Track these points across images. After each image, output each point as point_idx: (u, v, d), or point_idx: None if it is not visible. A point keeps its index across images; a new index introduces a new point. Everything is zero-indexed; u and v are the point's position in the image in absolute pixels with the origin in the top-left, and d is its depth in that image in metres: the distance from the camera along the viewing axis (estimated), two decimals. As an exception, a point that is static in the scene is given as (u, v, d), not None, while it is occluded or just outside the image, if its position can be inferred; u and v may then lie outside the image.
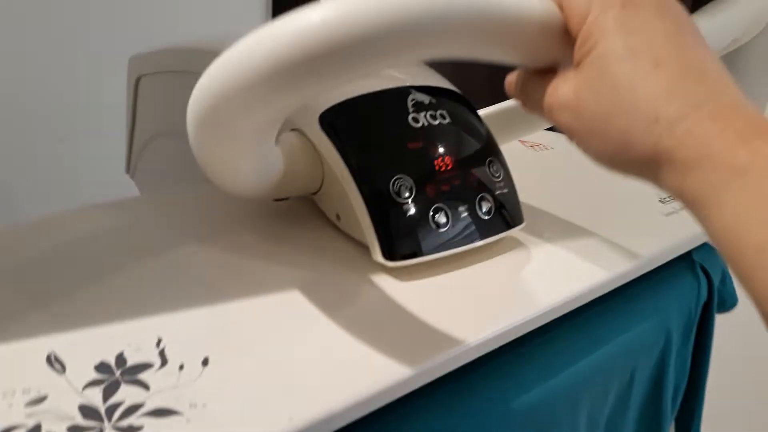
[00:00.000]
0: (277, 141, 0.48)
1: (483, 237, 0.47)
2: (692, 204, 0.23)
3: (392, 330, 0.39)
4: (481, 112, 0.55)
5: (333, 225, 0.50)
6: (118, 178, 0.87)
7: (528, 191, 0.53)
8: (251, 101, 0.30)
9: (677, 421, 0.68)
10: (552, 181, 0.68)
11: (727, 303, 0.65)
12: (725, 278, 0.64)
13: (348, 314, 0.40)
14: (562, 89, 0.28)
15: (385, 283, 0.44)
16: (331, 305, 0.40)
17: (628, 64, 0.25)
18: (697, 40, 0.26)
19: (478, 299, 0.43)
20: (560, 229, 0.54)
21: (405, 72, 0.53)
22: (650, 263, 0.52)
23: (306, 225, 0.52)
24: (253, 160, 0.40)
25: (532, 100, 0.31)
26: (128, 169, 0.86)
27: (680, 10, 0.27)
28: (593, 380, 0.49)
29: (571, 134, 0.28)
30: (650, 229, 0.56)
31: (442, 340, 0.38)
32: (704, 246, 0.59)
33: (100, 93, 1.14)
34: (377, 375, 0.34)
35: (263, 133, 0.37)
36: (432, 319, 0.40)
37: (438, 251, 0.45)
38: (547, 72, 0.30)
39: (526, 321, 0.41)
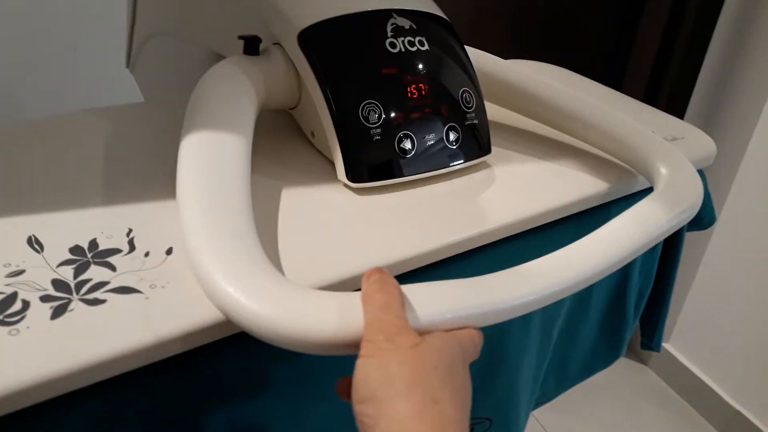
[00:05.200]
0: (260, 53, 0.50)
1: (446, 165, 0.50)
2: None
3: (340, 235, 0.42)
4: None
5: (309, 141, 0.53)
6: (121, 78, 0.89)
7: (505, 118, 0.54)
8: None
9: (642, 324, 0.73)
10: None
11: (704, 221, 0.67)
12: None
13: (304, 218, 0.43)
14: None
15: (346, 197, 0.47)
16: (291, 210, 0.44)
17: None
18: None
19: (432, 215, 0.46)
20: (532, 154, 0.57)
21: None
22: (615, 191, 0.55)
23: (284, 139, 0.54)
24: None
25: None
26: (128, 64, 0.88)
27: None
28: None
29: None
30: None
31: (387, 248, 0.41)
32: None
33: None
34: (315, 274, 0.38)
35: None
36: (381, 230, 0.43)
37: (400, 176, 0.48)
38: None
39: (469, 237, 0.44)
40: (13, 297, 0.33)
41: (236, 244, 0.35)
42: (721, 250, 1.31)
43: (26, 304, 0.33)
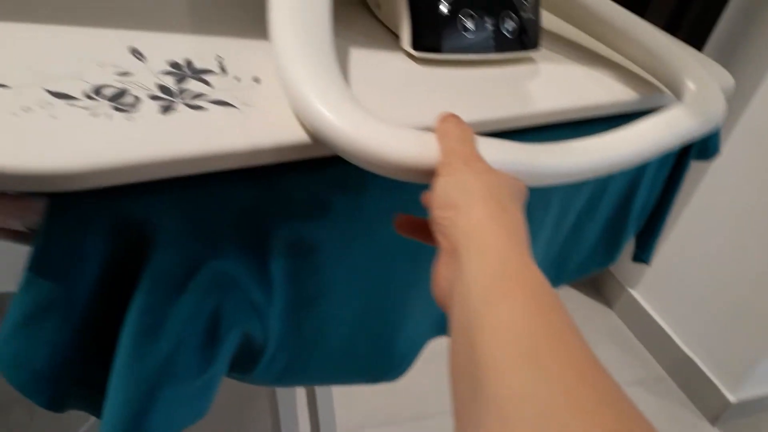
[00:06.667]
0: None
1: (499, 50, 0.53)
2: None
3: (401, 94, 0.46)
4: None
5: (373, 15, 0.56)
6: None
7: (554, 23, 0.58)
8: None
9: (638, 237, 0.79)
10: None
11: (709, 151, 0.72)
12: None
13: (369, 77, 0.47)
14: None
15: (407, 65, 0.50)
16: (358, 68, 0.47)
17: None
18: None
19: (486, 91, 0.50)
20: (574, 58, 0.61)
21: None
22: (644, 102, 0.59)
23: (348, 12, 0.57)
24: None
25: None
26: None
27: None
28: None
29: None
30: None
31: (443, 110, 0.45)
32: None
33: None
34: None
35: None
36: (437, 97, 0.47)
37: (458, 52, 0.51)
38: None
39: (515, 116, 0.48)
40: (124, 91, 0.37)
41: (328, 76, 0.38)
42: (699, 210, 1.39)
43: (137, 99, 0.36)
